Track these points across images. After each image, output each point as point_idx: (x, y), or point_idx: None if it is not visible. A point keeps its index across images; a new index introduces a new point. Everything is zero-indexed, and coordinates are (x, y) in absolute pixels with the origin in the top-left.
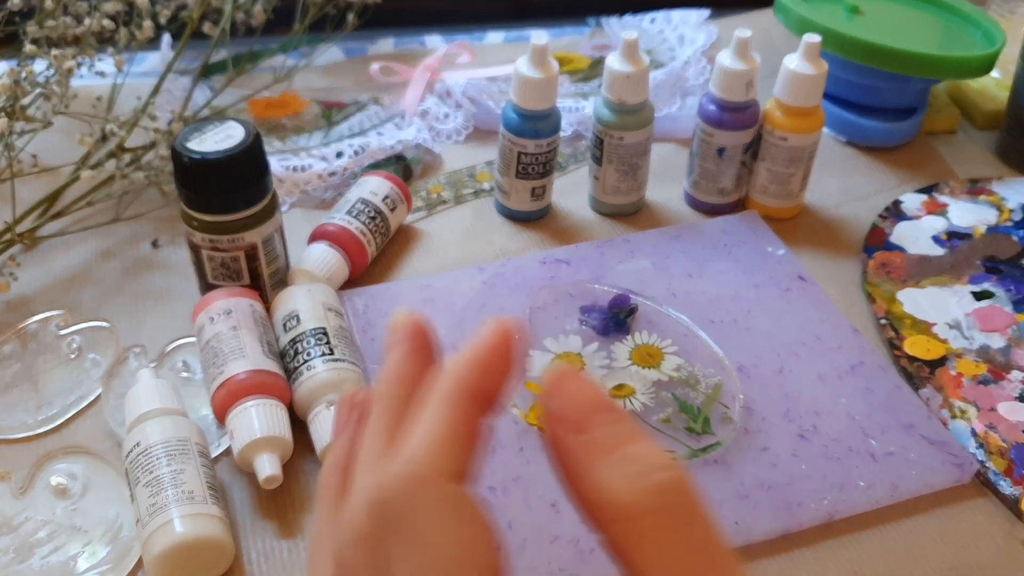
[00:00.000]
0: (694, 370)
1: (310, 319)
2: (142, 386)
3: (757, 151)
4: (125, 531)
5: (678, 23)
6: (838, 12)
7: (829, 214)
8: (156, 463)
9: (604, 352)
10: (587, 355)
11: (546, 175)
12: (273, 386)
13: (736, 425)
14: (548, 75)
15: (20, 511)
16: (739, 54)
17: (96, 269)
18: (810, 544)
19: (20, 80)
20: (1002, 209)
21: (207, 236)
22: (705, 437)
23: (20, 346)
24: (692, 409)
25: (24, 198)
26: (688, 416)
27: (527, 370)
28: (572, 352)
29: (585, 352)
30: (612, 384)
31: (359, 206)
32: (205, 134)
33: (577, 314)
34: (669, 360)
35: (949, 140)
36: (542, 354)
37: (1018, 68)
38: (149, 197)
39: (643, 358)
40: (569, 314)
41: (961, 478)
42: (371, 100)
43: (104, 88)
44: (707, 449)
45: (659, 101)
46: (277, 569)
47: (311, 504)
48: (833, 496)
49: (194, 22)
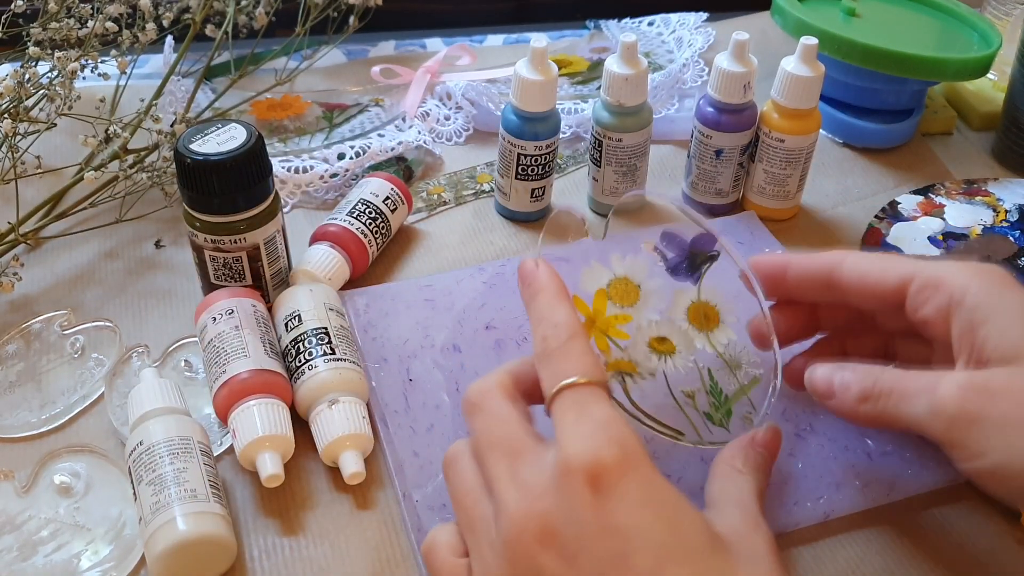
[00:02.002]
0: (741, 353)
1: (312, 319)
2: (145, 385)
3: (754, 152)
4: (128, 529)
5: (676, 26)
6: (835, 14)
7: (826, 215)
8: (159, 462)
9: (664, 294)
10: (646, 290)
11: (545, 176)
12: (275, 385)
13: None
14: (547, 77)
15: (23, 509)
16: (736, 56)
17: (99, 269)
18: (807, 543)
19: (24, 82)
20: (998, 210)
21: (210, 237)
22: (718, 431)
23: (24, 346)
24: (720, 395)
25: (28, 199)
26: (713, 401)
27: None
28: (633, 281)
29: (646, 286)
30: (656, 334)
31: (360, 207)
32: (207, 136)
33: (658, 239)
34: (723, 330)
35: (945, 142)
36: (602, 268)
37: (1014, 70)
38: (152, 198)
39: (699, 318)
40: (650, 233)
41: (958, 477)
42: (372, 102)
43: (107, 90)
44: (713, 445)
45: (657, 103)
46: (279, 567)
47: (312, 502)
48: (830, 495)
49: (197, 25)
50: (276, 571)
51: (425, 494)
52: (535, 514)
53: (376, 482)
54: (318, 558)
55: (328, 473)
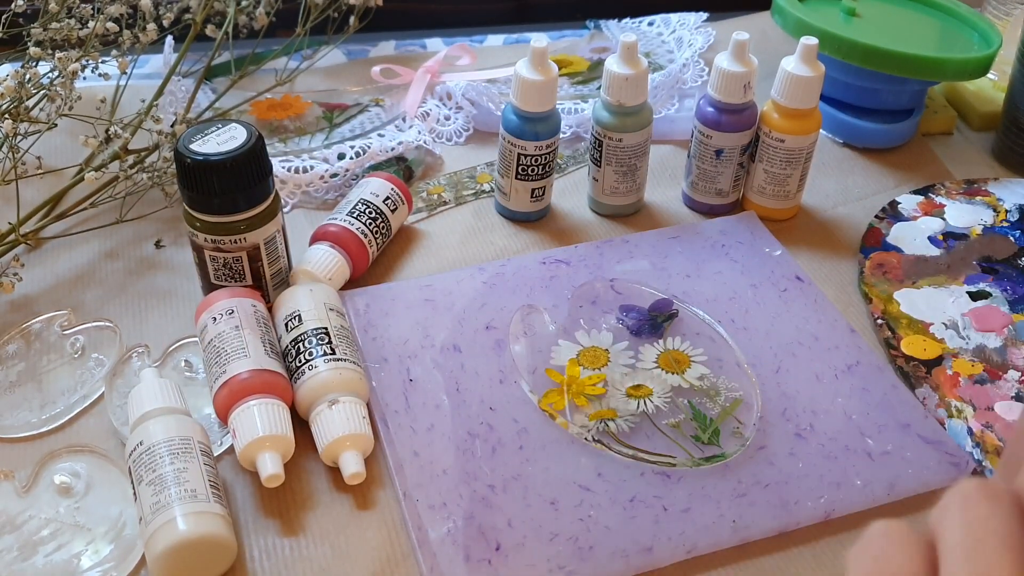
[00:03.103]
0: (717, 382)
1: (312, 319)
2: (145, 385)
3: (754, 152)
4: (128, 529)
5: (676, 26)
6: (835, 14)
7: (826, 215)
8: (159, 462)
9: (632, 351)
10: (614, 352)
11: (545, 176)
12: (275, 385)
13: (746, 441)
14: (547, 77)
15: (24, 509)
16: (737, 56)
17: (100, 269)
18: (807, 542)
19: (25, 82)
20: (998, 210)
21: (210, 237)
22: (710, 447)
23: (24, 346)
24: (704, 418)
25: (28, 199)
26: (699, 424)
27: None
28: (600, 347)
29: (613, 349)
30: (631, 383)
31: (360, 207)
32: (208, 136)
33: (616, 312)
34: (695, 368)
35: (946, 142)
36: (571, 345)
37: (1014, 70)
38: (152, 198)
39: (669, 363)
40: (609, 311)
41: (958, 477)
42: (372, 102)
43: (108, 90)
44: (710, 459)
45: (657, 103)
46: (279, 567)
47: (312, 502)
48: (830, 495)
49: (197, 25)
50: (276, 571)
51: (426, 493)
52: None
53: (376, 482)
54: (318, 558)
55: (328, 473)
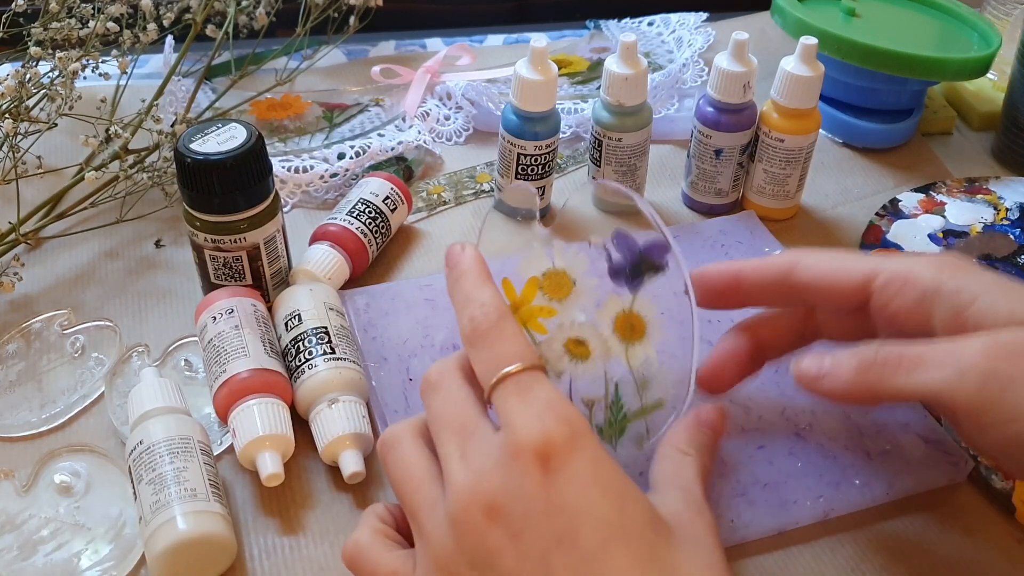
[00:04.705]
0: (655, 373)
1: (312, 318)
2: (145, 385)
3: (754, 152)
4: (128, 528)
5: (676, 26)
6: (835, 14)
7: (826, 215)
8: (159, 461)
9: (597, 295)
10: (579, 287)
11: (545, 176)
12: (275, 385)
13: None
14: (547, 77)
15: (23, 509)
16: (736, 56)
17: (99, 269)
18: (806, 541)
19: (25, 82)
20: (999, 208)
21: (210, 236)
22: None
23: (24, 345)
24: (619, 411)
25: (28, 199)
26: (610, 417)
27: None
28: (569, 273)
29: (581, 283)
30: (576, 335)
31: (360, 207)
32: (208, 136)
33: (610, 236)
34: (644, 346)
35: (945, 141)
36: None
37: (1014, 70)
38: (152, 198)
39: (625, 327)
40: (604, 229)
41: (956, 476)
42: (372, 102)
43: (108, 90)
44: None
45: (657, 103)
46: (279, 566)
47: (312, 501)
48: (829, 494)
49: (197, 25)
50: (276, 571)
51: None
52: (483, 491)
53: (376, 482)
54: (318, 558)
55: (328, 473)
